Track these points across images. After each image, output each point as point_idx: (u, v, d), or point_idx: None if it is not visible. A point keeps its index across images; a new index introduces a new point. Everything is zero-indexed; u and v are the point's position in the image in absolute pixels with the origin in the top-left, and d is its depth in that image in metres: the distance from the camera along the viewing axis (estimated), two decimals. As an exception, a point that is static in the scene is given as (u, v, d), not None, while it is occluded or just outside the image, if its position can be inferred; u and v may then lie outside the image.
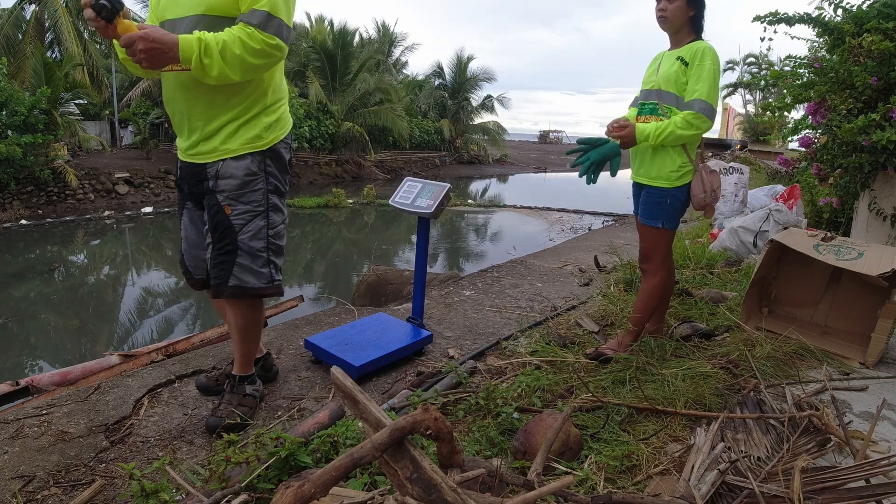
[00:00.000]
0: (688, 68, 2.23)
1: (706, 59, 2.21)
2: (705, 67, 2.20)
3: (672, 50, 2.37)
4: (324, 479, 1.01)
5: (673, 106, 2.29)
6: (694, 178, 2.33)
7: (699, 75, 2.21)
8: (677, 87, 2.27)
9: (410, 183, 2.81)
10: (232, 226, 1.93)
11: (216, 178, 1.91)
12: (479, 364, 2.55)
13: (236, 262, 1.94)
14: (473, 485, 1.22)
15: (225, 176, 1.90)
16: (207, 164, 1.92)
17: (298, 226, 13.55)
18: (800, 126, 3.97)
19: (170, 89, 1.91)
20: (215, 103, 1.85)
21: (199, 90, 1.83)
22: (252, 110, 1.90)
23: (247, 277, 1.96)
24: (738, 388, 2.07)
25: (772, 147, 15.93)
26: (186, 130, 1.92)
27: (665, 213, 2.36)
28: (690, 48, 2.26)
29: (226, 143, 1.89)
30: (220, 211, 1.92)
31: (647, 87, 2.42)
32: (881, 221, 3.48)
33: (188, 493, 1.49)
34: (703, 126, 2.20)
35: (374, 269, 5.21)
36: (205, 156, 1.92)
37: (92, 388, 2.32)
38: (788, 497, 1.28)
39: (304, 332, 3.04)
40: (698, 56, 2.22)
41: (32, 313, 6.81)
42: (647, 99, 2.42)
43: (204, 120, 1.88)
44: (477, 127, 30.94)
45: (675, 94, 2.28)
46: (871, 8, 3.43)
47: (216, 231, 1.94)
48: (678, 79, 2.26)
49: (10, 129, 12.27)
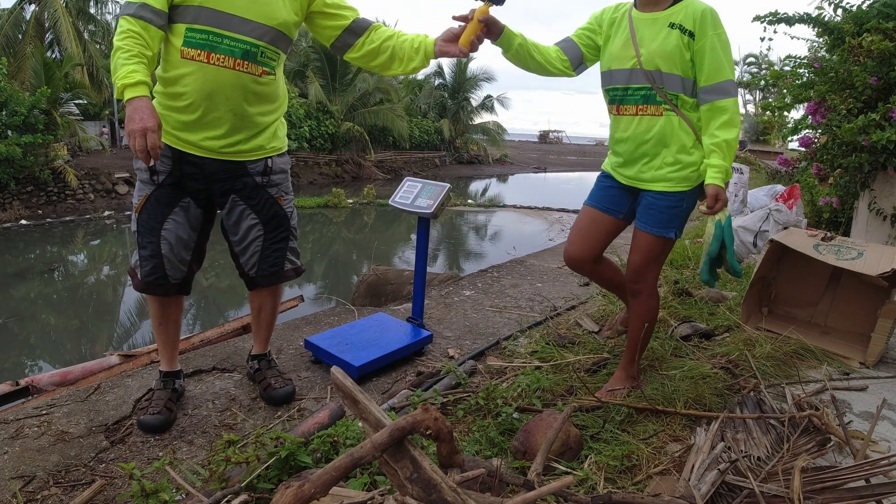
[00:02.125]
0: (694, 40, 1.74)
1: (720, 27, 1.74)
2: (723, 38, 1.74)
3: (646, 11, 1.83)
4: (324, 479, 1.01)
5: (679, 92, 1.80)
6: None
7: (722, 48, 1.73)
8: (682, 66, 1.77)
9: (410, 183, 2.81)
10: (286, 214, 2.13)
11: (267, 173, 2.04)
12: (479, 364, 2.55)
13: (289, 247, 2.16)
14: (473, 485, 1.22)
15: (277, 171, 2.07)
16: (248, 162, 2.00)
17: (299, 226, 13.54)
18: (800, 126, 3.97)
19: (222, 86, 1.83)
20: (265, 107, 1.97)
21: (258, 93, 1.91)
22: (280, 112, 2.08)
23: (294, 258, 2.20)
24: (738, 388, 2.07)
25: (772, 147, 15.94)
26: (229, 128, 1.91)
27: (679, 219, 1.96)
28: (687, 11, 1.75)
29: (271, 141, 2.03)
30: (275, 203, 2.08)
31: (627, 65, 1.85)
32: (881, 221, 3.48)
33: (188, 493, 1.49)
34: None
35: (374, 269, 5.21)
36: (249, 153, 1.98)
37: (92, 388, 2.32)
38: (788, 497, 1.28)
39: (304, 332, 3.04)
40: (709, 23, 1.72)
41: (32, 313, 6.82)
42: (631, 82, 1.86)
43: (254, 122, 1.94)
44: (477, 127, 30.96)
45: (680, 75, 1.78)
46: (871, 8, 3.43)
47: (271, 222, 2.08)
48: (682, 56, 1.75)
49: (10, 129, 12.27)
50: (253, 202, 2.04)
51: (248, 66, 1.84)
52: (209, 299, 8.18)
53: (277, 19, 1.86)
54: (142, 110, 1.62)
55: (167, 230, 1.97)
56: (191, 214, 2.02)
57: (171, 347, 2.20)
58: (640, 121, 1.88)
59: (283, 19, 1.87)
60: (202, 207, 2.04)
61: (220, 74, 1.82)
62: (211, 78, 1.82)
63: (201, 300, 8.11)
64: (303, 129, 19.28)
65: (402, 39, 1.99)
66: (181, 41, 1.79)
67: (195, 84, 1.82)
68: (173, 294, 2.08)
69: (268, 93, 1.95)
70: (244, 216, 2.06)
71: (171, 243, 1.98)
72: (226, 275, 9.50)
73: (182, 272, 2.05)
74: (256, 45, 1.83)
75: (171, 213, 1.98)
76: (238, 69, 1.82)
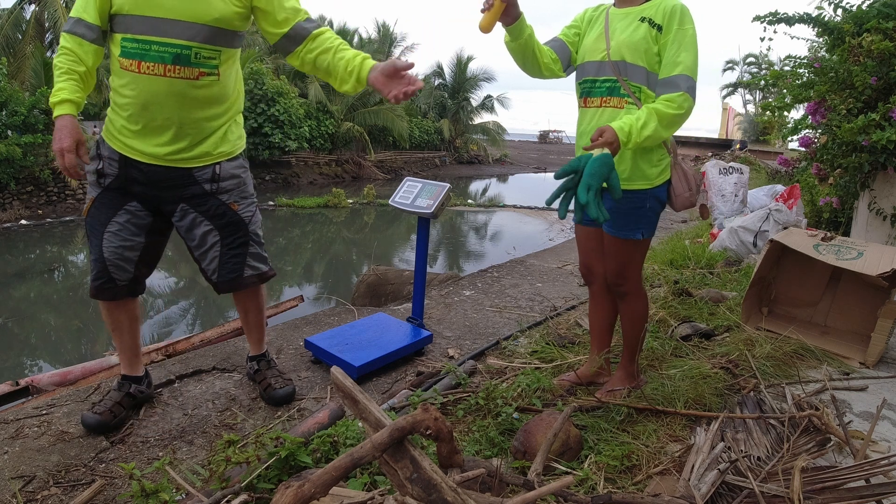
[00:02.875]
0: (661, 34, 1.74)
1: (687, 23, 1.72)
2: (688, 34, 1.72)
3: (623, 7, 1.85)
4: (324, 479, 1.01)
5: (642, 84, 1.78)
6: (674, 174, 1.89)
7: (682, 43, 1.71)
8: (648, 59, 1.75)
9: (410, 183, 2.81)
10: (242, 220, 2.03)
11: (215, 181, 1.95)
12: (479, 364, 2.55)
13: (249, 252, 2.06)
14: (473, 485, 1.22)
15: (226, 177, 1.97)
16: (195, 169, 1.91)
17: (298, 226, 13.55)
18: (800, 126, 3.97)
19: (156, 94, 1.78)
20: (210, 111, 1.88)
21: (197, 98, 1.82)
22: (231, 114, 1.98)
23: (258, 264, 2.11)
24: (738, 388, 2.07)
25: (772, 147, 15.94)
26: (171, 136, 1.84)
27: (645, 219, 1.89)
28: (658, 7, 1.76)
29: (219, 146, 1.94)
30: (228, 209, 1.99)
31: (597, 57, 1.85)
32: (881, 221, 3.48)
33: (188, 493, 1.49)
34: (690, 111, 1.73)
35: (374, 269, 5.21)
36: (194, 160, 1.90)
37: (92, 388, 2.32)
38: (788, 497, 1.28)
39: (304, 332, 3.04)
40: (676, 18, 1.72)
41: (32, 313, 6.81)
42: (599, 74, 1.85)
43: (198, 127, 1.87)
44: (477, 127, 30.97)
45: (644, 68, 1.77)
46: (871, 8, 3.43)
47: (226, 228, 2.00)
48: (649, 48, 1.75)
49: (9, 130, 12.27)
50: (203, 209, 1.96)
51: (181, 71, 1.75)
52: (209, 299, 8.18)
53: (212, 15, 1.75)
54: (61, 130, 1.66)
55: (109, 232, 1.92)
56: (137, 217, 1.94)
57: (128, 352, 2.11)
58: (603, 113, 1.85)
59: (220, 14, 1.76)
60: (151, 212, 1.96)
61: (153, 83, 1.76)
62: (144, 87, 1.77)
63: (201, 300, 8.11)
64: (303, 129, 19.27)
65: (338, 57, 1.82)
66: (119, 51, 1.77)
67: (132, 94, 1.79)
68: (122, 297, 2.00)
69: (210, 95, 1.85)
70: (196, 223, 1.98)
71: (114, 246, 1.92)
72: (226, 275, 9.49)
73: (128, 273, 1.97)
74: (188, 46, 1.74)
75: (115, 215, 1.92)
76: (170, 75, 1.74)
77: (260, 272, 2.13)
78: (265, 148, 18.10)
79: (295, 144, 18.81)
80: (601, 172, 1.56)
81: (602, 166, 1.57)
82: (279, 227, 13.22)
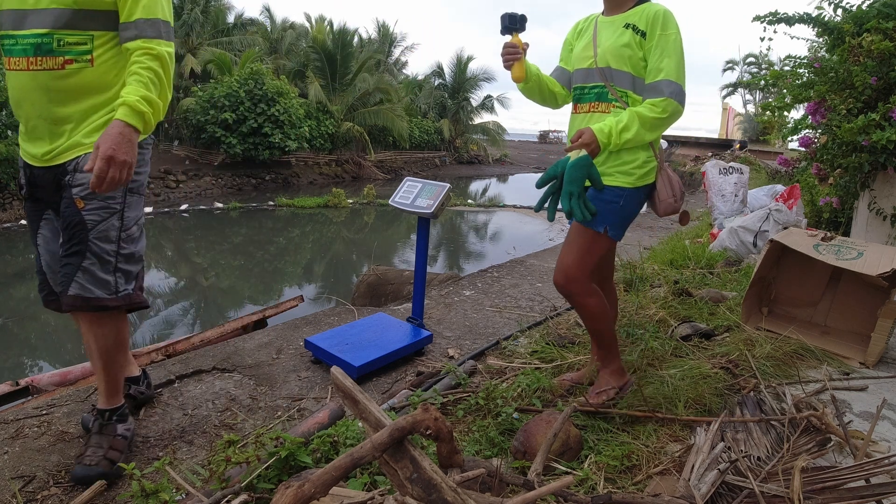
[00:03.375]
0: (646, 40, 1.75)
1: (670, 28, 1.73)
2: (670, 39, 1.72)
3: (610, 15, 1.87)
4: (324, 479, 1.01)
5: (628, 90, 1.80)
6: (659, 179, 1.86)
7: (664, 48, 1.72)
8: (633, 64, 1.77)
9: (410, 183, 2.81)
10: (84, 222, 1.68)
11: (74, 171, 1.69)
12: (479, 364, 2.55)
13: (81, 266, 1.68)
14: (473, 485, 1.22)
15: (83, 168, 1.62)
16: (67, 163, 1.70)
17: (298, 226, 13.55)
18: (800, 126, 3.97)
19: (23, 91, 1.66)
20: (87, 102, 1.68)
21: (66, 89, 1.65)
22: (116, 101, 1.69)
23: (90, 285, 1.69)
24: (738, 388, 2.07)
25: (772, 147, 15.94)
26: (47, 134, 1.69)
27: (615, 217, 1.84)
28: (643, 13, 1.77)
29: (90, 136, 1.69)
30: (72, 206, 1.67)
31: (585, 64, 1.88)
32: (881, 221, 3.48)
33: (188, 493, 1.49)
34: (676, 115, 1.74)
35: (374, 269, 5.21)
36: (66, 154, 1.70)
37: (92, 388, 2.32)
38: (788, 497, 1.28)
39: (304, 332, 3.04)
40: (659, 24, 1.73)
41: (32, 313, 6.81)
42: (588, 81, 1.88)
43: (75, 122, 1.69)
44: (477, 127, 30.97)
45: (630, 73, 1.78)
46: (871, 8, 3.43)
47: (66, 230, 1.70)
48: (633, 54, 1.76)
49: (9, 129, 12.26)
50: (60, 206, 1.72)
51: (44, 62, 1.61)
52: (209, 299, 8.18)
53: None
54: None
55: (39, 245, 1.85)
56: (55, 227, 1.81)
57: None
58: (591, 118, 1.87)
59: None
60: None
61: (19, 79, 1.65)
62: (14, 84, 1.68)
63: (201, 300, 8.11)
64: (303, 129, 19.26)
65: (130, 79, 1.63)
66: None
67: (10, 94, 1.71)
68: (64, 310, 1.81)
69: (82, 85, 1.65)
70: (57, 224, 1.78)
71: (45, 258, 1.84)
72: (226, 275, 9.51)
73: None
74: (49, 34, 1.60)
75: (39, 227, 1.84)
76: (32, 68, 1.61)
77: (84, 295, 1.68)
78: (265, 148, 18.10)
79: (295, 144, 18.81)
80: (578, 177, 1.65)
81: (579, 170, 1.66)
82: (279, 227, 13.23)
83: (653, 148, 1.84)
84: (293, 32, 25.68)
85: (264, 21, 25.80)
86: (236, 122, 17.46)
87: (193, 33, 20.68)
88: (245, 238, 12.14)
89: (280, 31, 25.57)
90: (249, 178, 18.85)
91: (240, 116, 17.45)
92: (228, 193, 17.52)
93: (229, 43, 21.58)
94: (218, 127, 17.41)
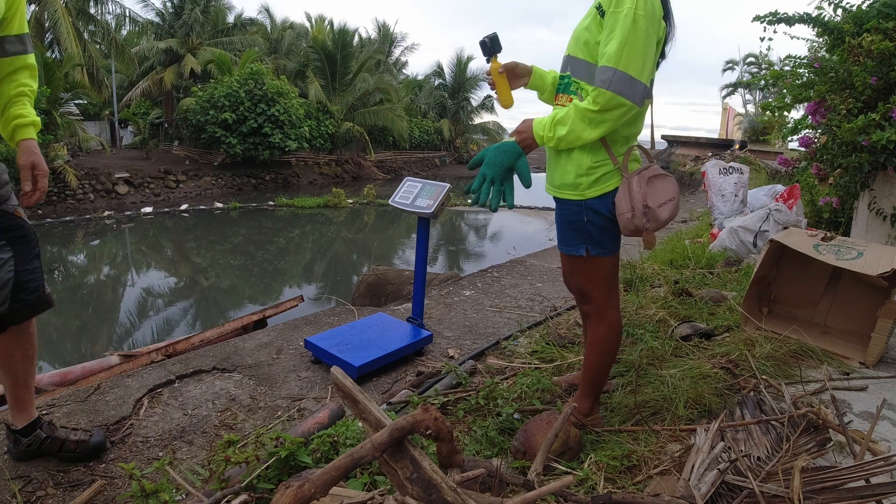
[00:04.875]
0: (604, 20, 1.50)
1: (623, 4, 1.44)
2: (620, 16, 1.44)
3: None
4: (324, 479, 1.01)
5: (584, 80, 1.57)
6: (620, 189, 1.59)
7: (612, 28, 1.46)
8: (588, 50, 1.55)
9: (410, 183, 2.81)
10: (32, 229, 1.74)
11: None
12: (479, 364, 2.55)
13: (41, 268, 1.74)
14: (473, 485, 1.22)
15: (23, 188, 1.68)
16: None
17: (298, 226, 13.56)
18: (800, 126, 3.97)
19: None
20: None
21: None
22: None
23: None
24: (738, 388, 2.07)
25: (772, 147, 15.93)
26: None
27: (585, 235, 1.64)
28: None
29: None
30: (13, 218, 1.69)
31: (566, 52, 1.69)
32: (881, 221, 3.47)
33: (188, 493, 1.49)
34: (616, 108, 1.46)
35: (374, 269, 5.21)
36: None
37: (92, 388, 2.32)
38: (788, 497, 1.28)
39: (304, 332, 3.04)
40: (614, 1, 1.46)
41: (32, 313, 6.81)
42: (564, 70, 1.69)
43: None
44: (477, 127, 31.02)
45: (586, 60, 1.56)
46: (871, 8, 3.43)
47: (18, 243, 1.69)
48: (590, 38, 1.54)
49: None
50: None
51: None
52: (209, 299, 8.19)
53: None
54: None
55: None
56: None
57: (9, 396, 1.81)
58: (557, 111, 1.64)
59: None
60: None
61: None
62: None
63: (201, 300, 8.11)
64: (303, 129, 19.28)
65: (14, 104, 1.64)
66: None
67: None
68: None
69: None
70: None
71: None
72: (226, 275, 9.51)
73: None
74: None
75: None
76: None
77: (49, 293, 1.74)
78: (265, 148, 18.12)
79: (295, 144, 18.82)
80: (499, 162, 1.56)
81: (501, 155, 1.57)
82: (279, 227, 13.23)
83: (608, 150, 1.58)
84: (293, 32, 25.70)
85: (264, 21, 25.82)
86: (236, 122, 17.47)
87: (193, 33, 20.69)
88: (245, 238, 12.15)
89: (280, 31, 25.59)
90: (249, 178, 18.86)
91: (240, 116, 17.46)
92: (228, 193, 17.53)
93: (229, 43, 21.59)
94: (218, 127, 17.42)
